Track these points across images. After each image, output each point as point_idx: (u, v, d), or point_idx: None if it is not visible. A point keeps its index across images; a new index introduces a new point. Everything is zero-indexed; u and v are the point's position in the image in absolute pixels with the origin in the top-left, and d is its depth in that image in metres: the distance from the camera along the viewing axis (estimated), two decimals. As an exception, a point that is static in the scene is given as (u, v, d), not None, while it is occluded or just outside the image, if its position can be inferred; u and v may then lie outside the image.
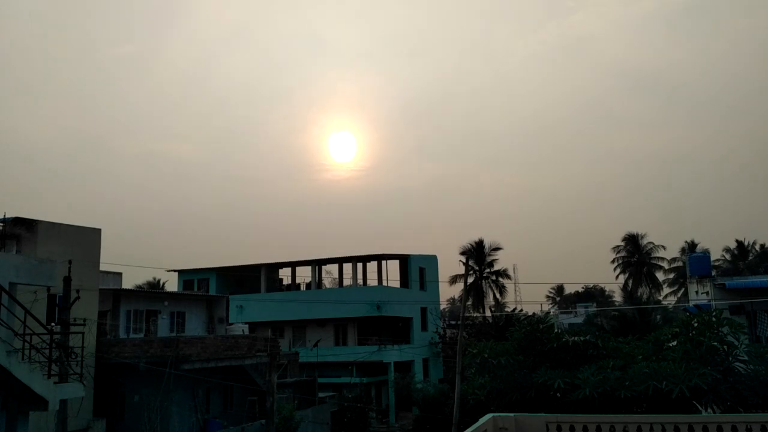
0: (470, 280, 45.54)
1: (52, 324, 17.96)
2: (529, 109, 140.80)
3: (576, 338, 16.55)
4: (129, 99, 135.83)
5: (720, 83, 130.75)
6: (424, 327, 45.12)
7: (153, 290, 51.31)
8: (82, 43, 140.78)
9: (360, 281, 43.79)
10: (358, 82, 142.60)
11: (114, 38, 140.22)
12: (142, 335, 27.51)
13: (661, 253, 62.67)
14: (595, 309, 68.00)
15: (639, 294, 59.28)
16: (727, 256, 59.99)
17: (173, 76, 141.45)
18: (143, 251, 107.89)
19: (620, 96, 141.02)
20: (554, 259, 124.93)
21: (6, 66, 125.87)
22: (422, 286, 45.87)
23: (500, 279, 55.61)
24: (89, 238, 23.97)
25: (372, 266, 45.41)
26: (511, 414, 12.23)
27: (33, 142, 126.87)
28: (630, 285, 62.31)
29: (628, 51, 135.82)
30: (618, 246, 63.86)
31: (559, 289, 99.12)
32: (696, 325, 14.94)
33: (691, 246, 60.03)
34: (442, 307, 57.10)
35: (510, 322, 31.62)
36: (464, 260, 27.72)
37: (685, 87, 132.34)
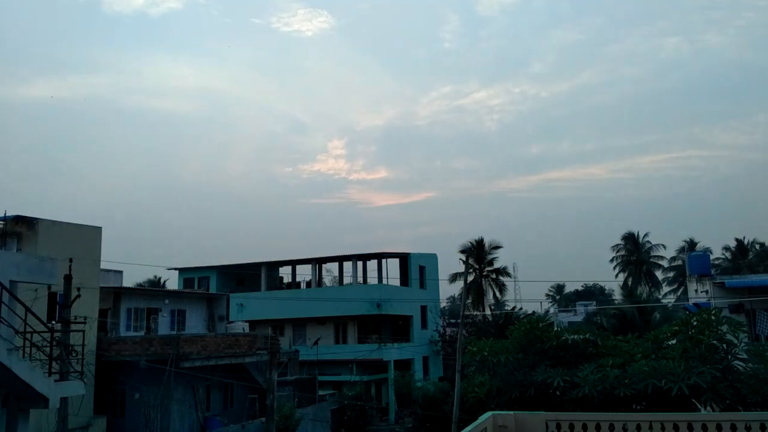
0: (470, 278, 45.54)
1: (53, 322, 18.03)
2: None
3: (575, 337, 16.53)
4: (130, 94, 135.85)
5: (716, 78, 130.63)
6: (424, 325, 45.19)
7: (153, 288, 51.30)
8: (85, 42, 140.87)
9: (360, 279, 43.85)
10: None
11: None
12: (142, 333, 27.54)
13: (660, 252, 62.87)
14: (595, 307, 67.99)
15: (638, 292, 59.28)
16: (727, 255, 60.08)
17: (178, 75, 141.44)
18: (144, 249, 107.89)
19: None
20: (554, 257, 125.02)
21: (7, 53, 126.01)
22: (422, 285, 45.89)
23: (500, 277, 55.60)
24: (90, 236, 24.06)
25: (372, 264, 45.53)
26: (511, 412, 12.22)
27: (33, 140, 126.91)
28: (629, 284, 62.35)
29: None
30: (617, 245, 63.98)
31: (559, 287, 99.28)
32: (695, 323, 14.92)
33: (691, 245, 60.11)
34: (442, 305, 57.09)
35: (510, 321, 31.67)
36: (464, 258, 27.74)
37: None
